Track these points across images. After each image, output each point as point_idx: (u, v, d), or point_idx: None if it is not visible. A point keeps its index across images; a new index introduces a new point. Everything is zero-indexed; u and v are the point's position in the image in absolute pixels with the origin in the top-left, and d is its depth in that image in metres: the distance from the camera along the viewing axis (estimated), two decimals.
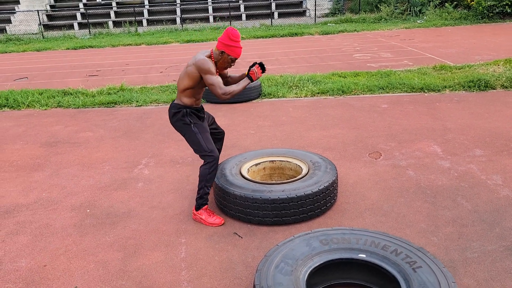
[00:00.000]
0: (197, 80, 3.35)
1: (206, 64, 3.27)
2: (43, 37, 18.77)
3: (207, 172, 3.46)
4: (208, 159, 3.46)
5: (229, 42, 3.27)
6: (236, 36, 3.29)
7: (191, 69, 3.33)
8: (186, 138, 3.54)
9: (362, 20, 18.03)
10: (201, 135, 3.45)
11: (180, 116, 3.47)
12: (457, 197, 3.68)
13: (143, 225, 3.58)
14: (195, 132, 3.45)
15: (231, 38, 3.27)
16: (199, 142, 3.45)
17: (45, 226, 3.63)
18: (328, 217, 3.51)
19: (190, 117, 3.47)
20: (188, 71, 3.36)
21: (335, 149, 4.92)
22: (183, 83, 3.41)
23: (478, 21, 15.76)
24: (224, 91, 3.26)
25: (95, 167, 4.83)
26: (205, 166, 3.47)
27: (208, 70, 3.26)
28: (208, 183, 3.48)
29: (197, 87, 3.43)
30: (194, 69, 3.31)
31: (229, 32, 3.28)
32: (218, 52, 3.33)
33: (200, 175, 3.49)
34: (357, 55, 10.89)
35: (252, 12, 21.11)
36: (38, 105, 7.58)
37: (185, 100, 3.47)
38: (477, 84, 7.00)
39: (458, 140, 4.94)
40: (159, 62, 11.76)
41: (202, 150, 3.45)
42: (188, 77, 3.36)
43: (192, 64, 3.33)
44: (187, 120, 3.46)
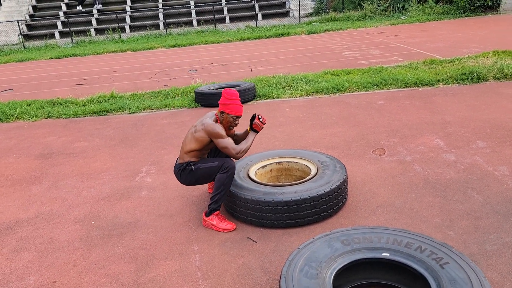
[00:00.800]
0: (205, 144, 3.47)
1: (216, 129, 3.39)
2: (24, 48, 18.43)
3: (224, 177, 3.40)
4: (224, 169, 3.40)
5: (226, 101, 3.43)
6: (231, 95, 3.46)
7: (201, 134, 3.43)
8: (201, 181, 3.57)
9: (346, 18, 18.11)
10: (204, 164, 3.47)
11: (182, 169, 3.52)
12: (468, 190, 3.67)
13: (152, 234, 3.48)
14: (197, 168, 3.47)
15: (227, 97, 3.45)
16: (206, 169, 3.47)
17: (49, 241, 3.51)
18: (341, 216, 3.46)
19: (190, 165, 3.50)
20: (197, 136, 3.45)
21: (338, 147, 4.88)
22: (190, 146, 3.50)
23: (461, 15, 15.96)
24: (237, 151, 3.40)
25: (94, 177, 4.71)
26: (223, 173, 3.40)
27: (218, 134, 3.38)
28: (226, 188, 3.42)
29: (203, 149, 3.54)
30: (204, 134, 3.42)
31: (225, 93, 3.46)
32: (220, 114, 3.49)
33: (217, 180, 3.42)
34: (346, 53, 10.91)
35: (235, 14, 21.05)
36: (28, 116, 7.39)
37: (187, 159, 3.53)
38: (469, 76, 7.05)
39: (460, 133, 4.94)
40: (147, 68, 11.61)
41: (215, 170, 3.44)
42: (196, 141, 3.46)
43: (201, 130, 3.43)
44: (188, 168, 3.49)
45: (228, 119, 3.46)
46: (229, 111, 3.43)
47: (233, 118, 3.46)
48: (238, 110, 3.46)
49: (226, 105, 3.44)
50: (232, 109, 3.43)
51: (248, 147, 3.47)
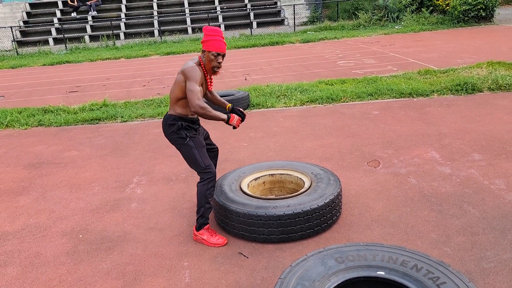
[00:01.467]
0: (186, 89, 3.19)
1: (192, 71, 3.13)
2: (17, 54, 18.30)
3: (205, 189, 3.30)
4: (205, 175, 3.31)
5: (205, 38, 3.18)
6: (211, 30, 3.18)
7: (180, 77, 3.20)
8: (182, 153, 3.37)
9: (341, 28, 18.16)
10: (198, 150, 3.29)
11: (175, 129, 3.29)
12: (463, 204, 3.61)
13: (141, 249, 3.38)
14: (191, 146, 3.28)
15: (206, 33, 3.18)
16: (195, 157, 3.29)
17: (35, 255, 3.40)
18: (335, 231, 3.39)
19: (185, 130, 3.29)
20: (177, 80, 3.22)
21: (332, 159, 4.82)
22: (175, 93, 3.25)
23: (455, 25, 16.05)
24: (201, 105, 3.06)
25: (84, 188, 4.61)
26: (203, 182, 3.31)
27: (191, 76, 3.11)
28: (208, 200, 3.32)
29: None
30: (182, 77, 3.18)
31: (204, 29, 3.22)
32: (202, 54, 3.22)
33: (198, 192, 3.32)
34: (341, 62, 10.90)
35: (230, 22, 21.06)
36: (18, 124, 7.28)
37: (179, 110, 3.29)
38: (464, 87, 7.03)
39: (455, 145, 4.90)
40: (140, 75, 11.53)
41: (199, 166, 3.30)
42: (178, 86, 3.21)
43: (181, 72, 3.20)
44: (183, 134, 3.28)
45: (209, 57, 3.14)
46: (209, 47, 3.12)
47: (214, 55, 3.13)
48: (218, 46, 3.13)
49: (206, 42, 3.15)
50: (212, 45, 3.12)
51: (209, 115, 3.09)
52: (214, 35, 3.15)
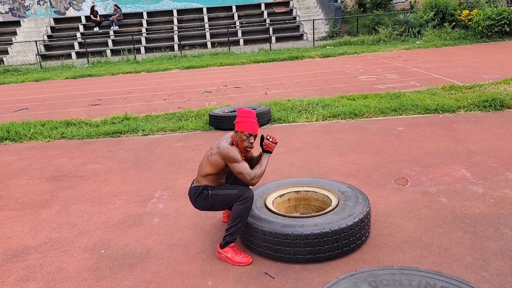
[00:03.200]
0: (221, 168, 3.31)
1: (230, 152, 3.22)
2: (41, 67, 18.68)
3: (242, 208, 3.23)
4: (242, 197, 3.24)
5: (238, 119, 3.31)
6: (244, 112, 3.32)
7: (216, 158, 3.28)
8: (215, 207, 3.41)
9: (361, 42, 18.08)
10: (221, 190, 3.32)
11: (198, 193, 3.37)
12: (500, 226, 3.45)
13: (163, 266, 3.30)
14: (214, 194, 3.32)
15: (239, 114, 3.31)
16: (224, 196, 3.31)
17: (57, 270, 3.35)
18: (365, 252, 3.25)
19: (207, 189, 3.35)
20: (212, 160, 3.30)
21: (358, 176, 4.69)
22: (206, 170, 3.35)
23: (478, 40, 15.81)
24: (252, 177, 3.23)
25: (105, 202, 4.57)
26: (241, 202, 3.24)
27: (233, 158, 3.22)
28: (243, 220, 3.25)
29: (220, 173, 3.38)
30: (219, 157, 3.26)
31: (238, 111, 3.35)
32: (235, 134, 3.34)
33: (234, 211, 3.25)
34: (362, 77, 10.79)
35: (250, 37, 21.17)
36: (41, 137, 7.34)
37: (204, 183, 3.39)
38: (492, 103, 6.84)
39: (486, 163, 4.73)
40: (161, 89, 11.61)
41: (233, 198, 3.28)
42: (211, 165, 3.30)
43: (216, 153, 3.28)
44: (205, 192, 3.34)
45: (242, 138, 3.28)
46: (242, 128, 3.26)
47: (246, 136, 3.26)
48: (251, 127, 3.26)
49: (239, 123, 3.28)
50: (244, 126, 3.25)
51: (262, 171, 3.29)
52: (247, 116, 3.29)
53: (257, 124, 3.31)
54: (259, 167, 3.29)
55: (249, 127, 3.25)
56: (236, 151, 3.24)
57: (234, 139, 3.33)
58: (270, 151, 3.39)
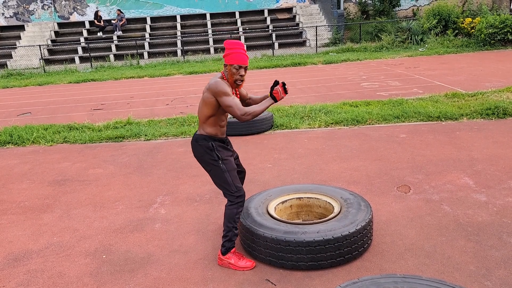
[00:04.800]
0: (215, 106, 3.13)
1: (219, 86, 3.07)
2: (44, 71, 18.74)
3: (234, 213, 3.21)
4: (235, 199, 3.23)
5: (226, 51, 3.14)
6: (232, 43, 3.14)
7: (207, 95, 3.14)
8: (212, 175, 3.28)
9: (363, 49, 18.09)
10: (229, 173, 3.21)
11: (207, 149, 3.20)
12: (503, 235, 3.43)
13: (165, 272, 3.29)
14: (223, 170, 3.20)
15: (227, 47, 3.14)
16: (226, 180, 3.21)
17: (58, 275, 3.34)
18: (367, 260, 3.24)
19: (218, 152, 3.21)
20: (204, 98, 3.16)
21: (360, 183, 4.68)
22: (203, 112, 3.20)
23: (480, 48, 15.81)
24: (244, 112, 3.02)
25: (107, 207, 4.57)
26: (232, 206, 3.22)
27: (222, 91, 3.05)
28: (236, 224, 3.23)
29: (218, 114, 3.19)
30: (209, 94, 3.12)
31: (225, 43, 3.18)
32: (224, 69, 3.17)
33: (226, 216, 3.24)
34: (365, 84, 10.79)
35: (252, 43, 21.23)
36: (44, 141, 7.35)
37: (209, 130, 3.22)
38: (495, 111, 6.83)
39: (489, 171, 4.71)
40: (164, 94, 11.63)
41: (230, 189, 3.22)
42: (206, 104, 3.15)
43: (207, 90, 3.14)
44: (215, 156, 3.20)
45: (231, 71, 3.09)
46: (231, 60, 3.07)
47: (236, 68, 3.08)
48: (240, 59, 3.07)
49: (227, 55, 3.10)
50: (233, 58, 3.07)
51: (257, 112, 3.03)
52: (235, 48, 3.12)
53: (246, 55, 3.14)
54: (257, 106, 3.07)
55: (238, 59, 3.08)
56: (226, 84, 3.09)
57: (224, 74, 3.17)
58: (276, 99, 3.11)
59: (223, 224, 3.31)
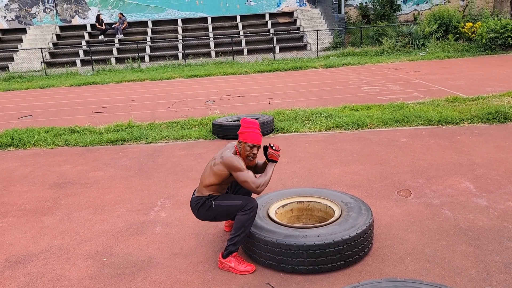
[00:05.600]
0: (225, 178, 3.31)
1: (234, 161, 3.22)
2: (45, 74, 18.79)
3: (246, 219, 3.23)
4: (246, 207, 3.24)
5: (243, 129, 3.32)
6: (249, 123, 3.32)
7: (220, 167, 3.27)
8: (219, 218, 3.41)
9: (364, 53, 18.13)
10: (224, 201, 3.31)
11: (200, 204, 3.36)
12: (503, 239, 3.43)
13: (165, 275, 3.29)
14: (217, 205, 3.31)
15: (243, 125, 3.32)
16: (228, 207, 3.30)
17: (58, 278, 3.34)
18: (367, 264, 3.24)
19: (209, 199, 3.34)
20: (215, 170, 3.30)
21: (361, 187, 4.68)
22: (209, 180, 3.34)
23: (481, 52, 15.84)
24: (257, 185, 3.20)
25: (108, 209, 4.57)
26: (245, 213, 3.23)
27: (237, 168, 3.22)
28: (246, 230, 3.24)
29: (223, 183, 3.37)
30: (223, 167, 3.26)
31: (242, 121, 3.35)
32: (238, 144, 3.34)
33: (237, 221, 3.25)
34: (365, 88, 10.81)
35: (253, 46, 21.28)
36: (45, 143, 7.37)
37: (206, 193, 3.37)
38: (495, 116, 6.84)
39: (490, 175, 4.71)
40: (165, 97, 11.65)
41: (237, 208, 3.28)
42: (215, 175, 3.30)
43: (220, 163, 3.28)
44: (208, 203, 3.33)
45: (245, 148, 3.28)
46: (246, 139, 3.26)
47: (250, 147, 3.27)
48: (255, 138, 3.27)
49: (242, 133, 3.29)
50: (248, 137, 3.26)
51: (268, 180, 3.26)
52: (251, 127, 3.30)
53: (260, 135, 3.31)
54: (264, 175, 3.27)
55: (253, 138, 3.26)
56: (240, 160, 3.24)
57: (237, 149, 3.33)
58: (275, 160, 3.37)
59: (232, 227, 3.32)
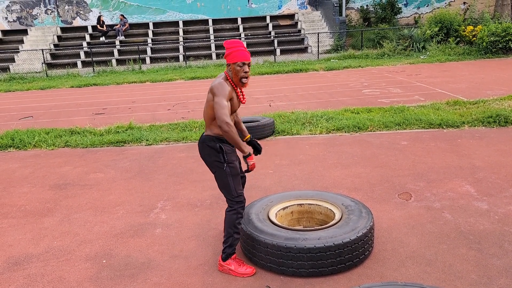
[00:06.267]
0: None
1: (219, 87, 3.08)
2: (46, 76, 18.80)
3: (234, 218, 3.21)
4: (235, 204, 3.23)
5: (227, 51, 3.14)
6: (231, 42, 3.15)
7: (209, 96, 3.16)
8: (216, 177, 3.29)
9: (365, 56, 18.14)
10: (232, 178, 3.21)
11: (215, 151, 3.19)
12: (504, 243, 3.42)
13: (165, 277, 3.28)
14: (226, 173, 3.20)
15: (227, 46, 3.15)
16: (229, 185, 3.22)
17: (58, 279, 3.33)
18: (368, 267, 3.23)
19: (225, 154, 3.19)
20: (208, 99, 3.18)
21: (361, 189, 4.68)
22: (208, 113, 3.20)
23: (482, 56, 15.83)
24: (228, 121, 2.99)
25: (108, 211, 4.57)
26: (232, 211, 3.22)
27: (218, 92, 3.06)
28: (237, 229, 3.23)
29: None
30: (211, 95, 3.13)
31: (225, 43, 3.17)
32: (228, 69, 3.18)
33: (226, 221, 3.24)
34: (366, 91, 10.81)
35: (254, 49, 21.29)
36: (45, 145, 7.36)
37: (216, 130, 3.20)
38: (496, 119, 6.83)
39: (490, 179, 4.70)
40: (165, 99, 11.65)
41: (231, 194, 3.22)
42: (209, 105, 3.16)
43: (210, 90, 3.15)
44: (221, 158, 3.19)
45: (235, 69, 3.09)
46: (233, 59, 3.08)
47: (239, 66, 3.07)
48: (242, 55, 3.07)
49: (229, 55, 3.11)
50: (235, 56, 3.07)
51: (232, 137, 3.01)
52: (236, 46, 3.13)
53: (247, 52, 3.14)
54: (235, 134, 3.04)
55: (240, 56, 3.08)
56: (226, 87, 3.08)
57: (227, 75, 3.17)
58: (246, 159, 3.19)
59: (223, 230, 3.30)
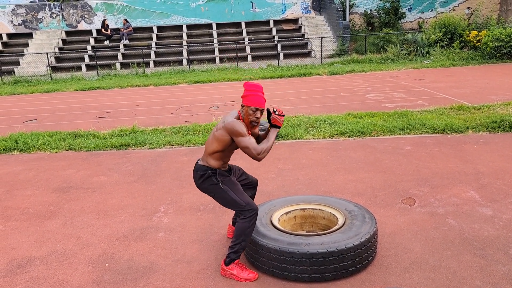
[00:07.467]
0: (227, 144, 3.21)
1: (236, 126, 3.12)
2: (51, 79, 18.88)
3: (246, 226, 3.21)
4: (247, 213, 3.22)
5: (245, 92, 3.20)
6: (251, 85, 3.21)
7: (221, 132, 3.19)
8: (218, 199, 3.34)
9: (368, 61, 18.12)
10: (233, 191, 3.26)
11: (205, 176, 3.28)
12: (509, 250, 3.39)
13: (167, 281, 3.28)
14: (225, 190, 3.25)
15: (246, 88, 3.21)
16: (232, 199, 3.25)
17: (60, 283, 3.33)
18: (371, 273, 3.21)
19: (217, 176, 3.27)
20: (217, 135, 3.22)
21: (365, 194, 4.66)
22: (212, 146, 3.25)
23: (486, 61, 15.80)
24: (259, 151, 3.10)
25: (111, 215, 4.56)
26: (245, 219, 3.21)
27: (239, 132, 3.12)
28: (247, 237, 3.22)
29: (227, 151, 3.28)
30: (224, 132, 3.18)
31: (245, 84, 3.24)
32: (241, 108, 3.24)
33: (238, 228, 3.22)
34: (370, 95, 10.79)
35: (258, 53, 21.33)
36: (49, 148, 7.38)
37: (212, 163, 3.29)
38: (501, 125, 6.81)
39: (495, 185, 4.68)
40: (169, 103, 11.68)
41: (239, 206, 3.24)
42: (218, 141, 3.21)
43: (222, 128, 3.20)
44: (214, 180, 3.26)
45: (248, 112, 3.15)
46: (249, 102, 3.14)
47: (252, 110, 3.14)
48: (258, 101, 3.13)
49: (246, 97, 3.17)
50: (251, 100, 3.13)
51: (269, 146, 3.14)
52: (255, 90, 3.19)
53: (264, 98, 3.19)
54: (266, 142, 3.16)
55: (255, 101, 3.13)
56: (242, 125, 3.14)
57: (240, 114, 3.23)
58: (279, 126, 3.26)
59: (233, 235, 3.30)
